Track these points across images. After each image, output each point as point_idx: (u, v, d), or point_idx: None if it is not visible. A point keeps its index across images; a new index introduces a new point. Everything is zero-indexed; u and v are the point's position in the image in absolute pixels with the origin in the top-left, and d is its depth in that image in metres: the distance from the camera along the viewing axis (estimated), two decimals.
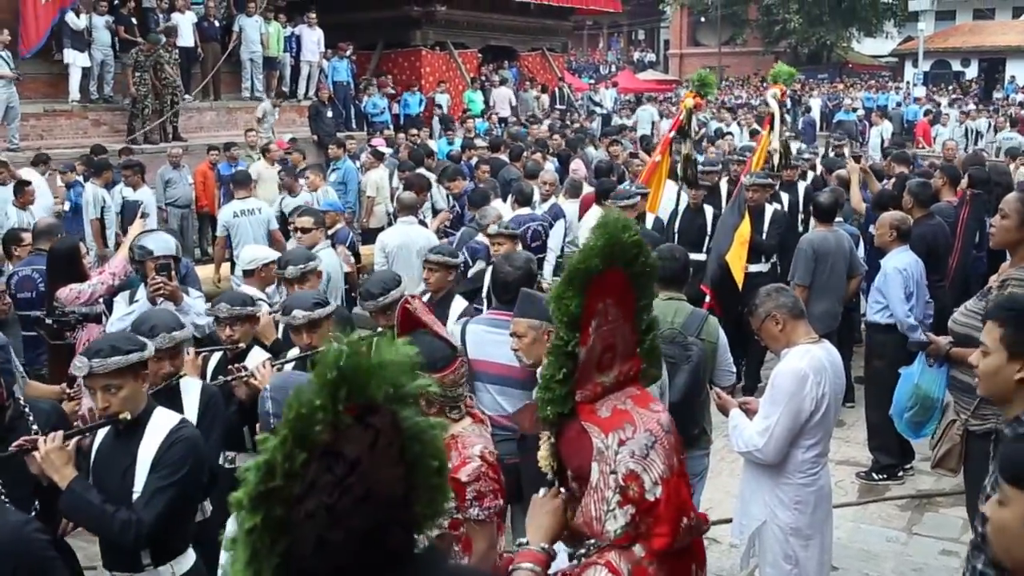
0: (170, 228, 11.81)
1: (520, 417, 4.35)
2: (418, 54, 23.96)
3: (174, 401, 4.23)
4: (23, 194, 11.12)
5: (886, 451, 7.08)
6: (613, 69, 50.51)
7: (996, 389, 3.07)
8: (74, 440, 3.62)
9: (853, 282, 8.18)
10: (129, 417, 3.61)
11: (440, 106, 22.44)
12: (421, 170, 12.53)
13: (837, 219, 8.45)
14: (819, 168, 12.72)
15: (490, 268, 6.58)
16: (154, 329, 4.22)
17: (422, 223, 9.27)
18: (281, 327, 5.40)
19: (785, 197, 10.27)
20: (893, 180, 10.56)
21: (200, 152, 15.43)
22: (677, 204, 9.56)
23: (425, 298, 6.17)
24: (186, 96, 16.96)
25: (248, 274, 6.54)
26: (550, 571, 2.46)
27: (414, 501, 1.40)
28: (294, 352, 4.87)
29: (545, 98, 26.28)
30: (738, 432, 4.43)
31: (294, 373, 4.14)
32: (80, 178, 12.54)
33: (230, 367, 4.76)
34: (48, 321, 6.69)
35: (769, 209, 9.13)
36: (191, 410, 4.27)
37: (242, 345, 5.03)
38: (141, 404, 3.67)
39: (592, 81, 38.93)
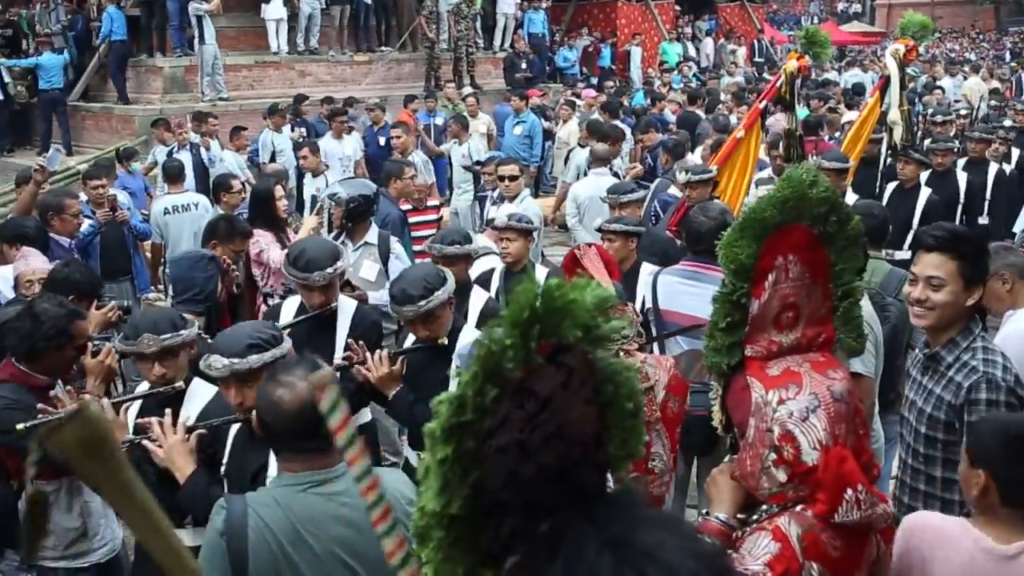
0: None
1: (684, 360, 4.29)
2: (614, 5, 23.75)
3: None
4: (238, 138, 11.80)
5: None
6: (815, 20, 48.42)
7: (949, 318, 3.20)
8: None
9: None
10: None
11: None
12: (616, 122, 12.42)
13: None
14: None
15: None
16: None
17: (615, 175, 9.21)
18: None
19: (963, 177, 8.55)
20: None
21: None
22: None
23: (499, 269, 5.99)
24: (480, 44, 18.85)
25: None
26: None
27: (607, 441, 1.39)
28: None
29: (742, 51, 25.48)
30: None
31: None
32: (288, 127, 13.10)
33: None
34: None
35: None
36: None
37: (180, 384, 3.73)
38: None
39: (792, 33, 37.57)
